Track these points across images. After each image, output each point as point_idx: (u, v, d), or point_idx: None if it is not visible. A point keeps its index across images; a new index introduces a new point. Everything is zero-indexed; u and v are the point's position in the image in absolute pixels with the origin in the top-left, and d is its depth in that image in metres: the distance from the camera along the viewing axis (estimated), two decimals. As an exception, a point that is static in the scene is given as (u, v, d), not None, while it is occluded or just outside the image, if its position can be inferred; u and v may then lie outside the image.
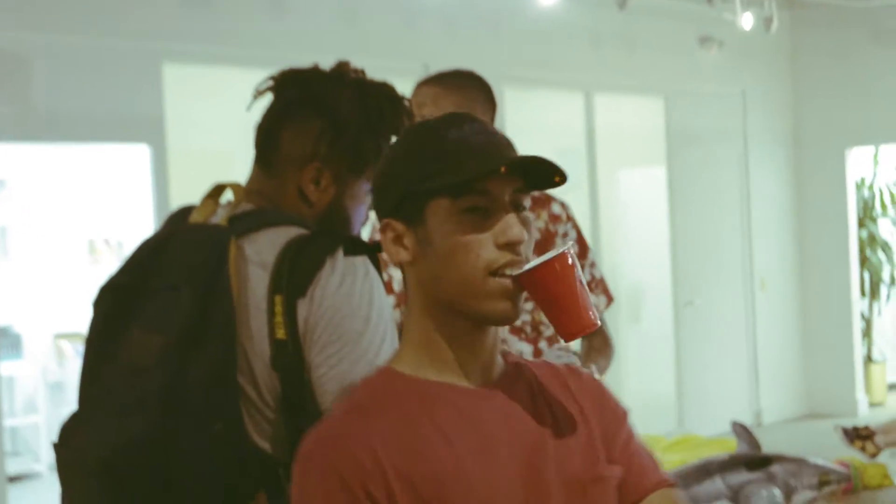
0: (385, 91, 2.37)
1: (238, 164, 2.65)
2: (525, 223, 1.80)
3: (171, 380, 2.13)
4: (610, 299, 3.57)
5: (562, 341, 3.24)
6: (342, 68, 2.39)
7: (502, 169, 1.77)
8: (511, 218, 1.77)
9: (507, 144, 1.83)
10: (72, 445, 2.23)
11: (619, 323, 10.24)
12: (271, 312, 2.17)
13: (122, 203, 10.04)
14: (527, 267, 1.77)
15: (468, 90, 3.36)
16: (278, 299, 2.16)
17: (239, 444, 2.17)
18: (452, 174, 1.76)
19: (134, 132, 7.07)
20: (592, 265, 3.53)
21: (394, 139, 2.37)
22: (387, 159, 1.86)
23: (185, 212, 2.34)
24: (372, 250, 2.24)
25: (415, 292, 1.84)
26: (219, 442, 2.14)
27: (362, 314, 2.16)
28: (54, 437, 2.30)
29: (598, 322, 1.80)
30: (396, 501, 1.73)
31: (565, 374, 1.97)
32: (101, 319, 2.27)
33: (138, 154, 7.30)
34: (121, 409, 2.17)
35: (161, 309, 2.18)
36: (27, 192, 10.67)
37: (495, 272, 1.77)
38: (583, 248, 3.50)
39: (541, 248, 3.34)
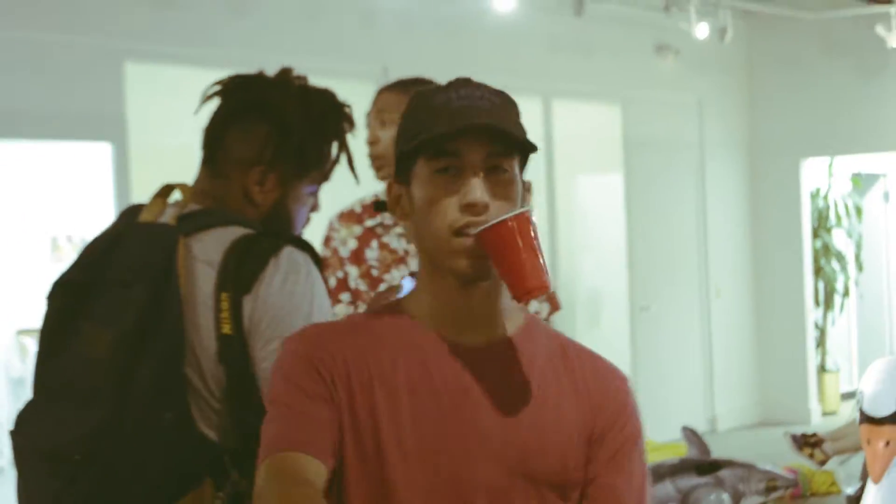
0: (327, 97, 2.47)
1: (198, 162, 2.72)
2: (505, 185, 1.87)
3: (123, 372, 2.23)
4: (555, 308, 3.65)
5: None
6: (286, 75, 2.48)
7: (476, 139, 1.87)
8: (474, 181, 1.85)
9: (487, 109, 1.88)
10: (27, 433, 2.32)
11: (576, 327, 10.32)
12: (218, 309, 2.27)
13: (85, 201, 10.06)
14: (483, 225, 1.84)
15: None
16: (224, 296, 2.26)
17: (187, 432, 2.27)
18: (424, 135, 1.86)
19: (96, 130, 7.11)
20: None
21: (335, 145, 2.47)
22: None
23: (135, 210, 2.44)
24: (313, 250, 2.35)
25: (416, 249, 1.97)
26: (168, 431, 2.24)
27: (304, 311, 2.27)
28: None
29: (549, 285, 1.85)
30: (338, 394, 1.87)
31: (574, 360, 2.01)
32: (55, 313, 2.36)
33: (100, 152, 7.34)
34: (75, 399, 2.26)
35: (113, 304, 2.27)
36: (-11, 189, 10.68)
37: (458, 232, 1.86)
38: None
39: None
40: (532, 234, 1.86)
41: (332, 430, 1.86)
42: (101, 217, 7.55)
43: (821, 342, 12.12)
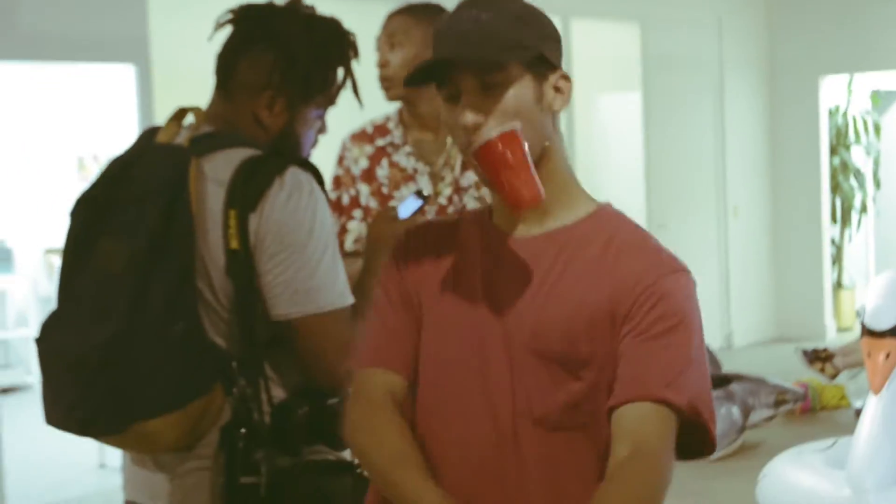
0: (333, 26, 2.61)
1: None
2: (497, 100, 2.01)
3: (138, 284, 2.39)
4: None
5: None
6: (294, 4, 2.62)
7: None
8: (463, 105, 2.01)
9: (467, 34, 2.01)
10: (50, 341, 2.48)
11: (594, 245, 10.46)
12: (226, 225, 2.43)
13: (110, 121, 10.20)
14: (475, 144, 2.01)
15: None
16: (232, 213, 2.42)
17: (198, 341, 2.42)
18: (419, 70, 2.04)
19: (119, 52, 7.18)
20: None
21: (340, 71, 2.62)
22: None
23: (152, 132, 2.59)
24: (317, 170, 2.51)
25: None
26: (180, 339, 2.40)
27: (306, 227, 2.43)
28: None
29: (541, 198, 2.00)
30: (412, 292, 2.14)
31: (624, 249, 2.09)
32: (77, 229, 2.52)
33: (125, 73, 7.43)
34: (94, 310, 2.42)
35: (129, 220, 2.43)
36: (15, 111, 10.82)
37: (466, 152, 2.05)
38: None
39: None
40: (521, 149, 1.99)
41: (410, 339, 2.12)
42: (125, 137, 7.71)
43: (837, 259, 12.19)
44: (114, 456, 7.64)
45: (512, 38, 2.02)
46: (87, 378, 2.39)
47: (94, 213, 2.49)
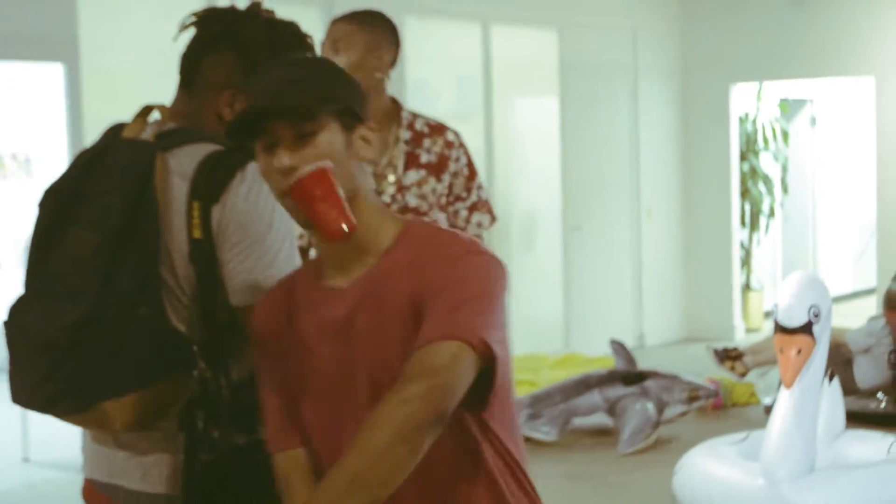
0: (291, 29, 2.76)
1: (149, 84, 2.94)
2: (315, 145, 2.21)
3: (105, 271, 2.51)
4: (493, 218, 3.93)
5: None
6: (255, 8, 2.77)
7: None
8: (280, 151, 2.22)
9: (283, 87, 2.23)
10: (18, 324, 2.60)
11: (511, 248, 10.59)
12: (189, 216, 2.56)
13: (33, 120, 10.16)
14: (290, 181, 2.22)
15: (378, 30, 3.75)
16: (196, 205, 2.56)
17: (160, 326, 2.55)
18: (236, 124, 2.27)
19: (48, 51, 7.21)
20: (479, 188, 3.86)
21: None
22: None
23: (118, 128, 2.72)
24: None
25: None
26: (143, 324, 2.53)
27: (266, 219, 2.57)
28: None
29: (353, 227, 2.18)
30: (279, 355, 2.38)
31: (428, 247, 2.26)
32: (45, 218, 2.64)
33: (52, 73, 7.44)
34: (62, 294, 2.54)
35: (96, 211, 2.55)
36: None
37: (283, 194, 2.27)
38: (471, 172, 3.85)
39: (436, 169, 3.76)
40: (332, 183, 2.20)
41: (287, 405, 2.39)
42: (50, 137, 7.74)
43: (746, 262, 12.44)
44: (38, 450, 7.68)
45: (323, 92, 2.24)
46: (54, 358, 2.50)
47: (61, 204, 2.61)
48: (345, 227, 2.20)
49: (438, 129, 3.81)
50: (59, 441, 6.72)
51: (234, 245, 2.55)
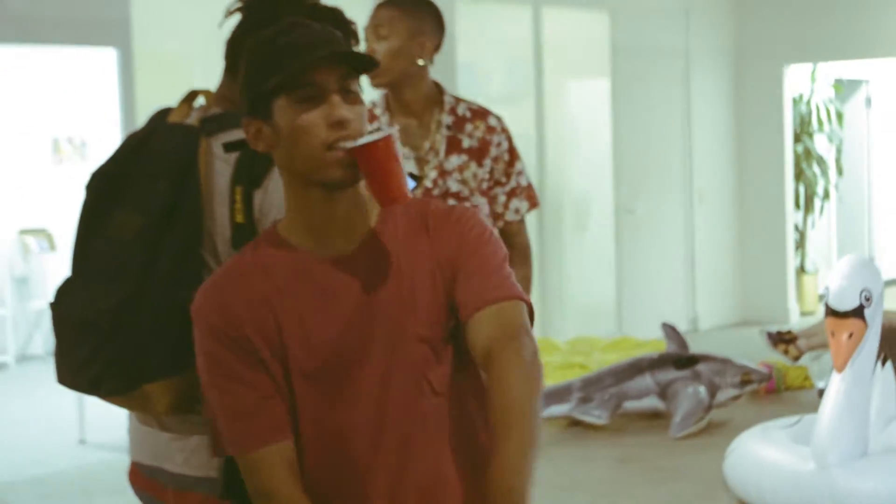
0: (335, 15, 2.76)
1: (200, 67, 2.96)
2: (356, 103, 2.21)
3: (147, 253, 2.54)
4: (534, 204, 3.92)
5: None
6: None
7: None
8: (335, 100, 2.19)
9: (328, 40, 2.22)
10: (63, 305, 2.63)
11: (563, 231, 10.59)
12: (232, 200, 2.58)
13: (87, 104, 10.26)
14: (358, 142, 2.18)
15: (421, 15, 3.76)
16: (238, 189, 2.58)
17: None
18: (280, 74, 2.20)
19: (101, 35, 7.27)
20: (519, 173, 3.85)
21: None
22: (241, 71, 2.31)
23: (164, 112, 2.74)
24: None
25: (280, 173, 2.30)
26: (185, 307, 2.55)
27: None
28: (20, 329, 2.71)
29: (408, 196, 2.19)
30: (256, 346, 2.24)
31: (430, 218, 2.29)
32: (91, 200, 2.66)
33: (105, 57, 7.53)
34: (104, 276, 2.57)
35: (141, 194, 2.58)
36: (-7, 92, 10.86)
37: (330, 146, 2.19)
38: (511, 157, 3.84)
39: (478, 154, 3.76)
40: (395, 151, 2.19)
41: (277, 397, 2.26)
42: (104, 120, 7.82)
43: (800, 244, 12.37)
44: (94, 431, 7.77)
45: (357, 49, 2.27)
46: (96, 340, 2.53)
47: (107, 186, 2.64)
48: (405, 194, 2.20)
49: (481, 113, 3.81)
50: (115, 423, 6.76)
51: None
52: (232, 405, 2.26)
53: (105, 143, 7.86)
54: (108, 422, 6.90)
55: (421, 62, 3.69)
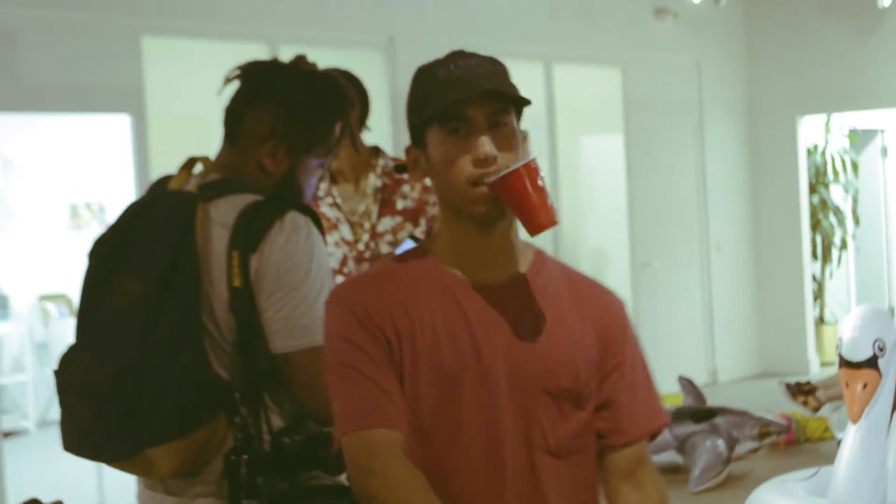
0: (331, 81, 2.80)
1: (214, 131, 2.99)
2: (507, 137, 2.20)
3: (148, 319, 2.57)
4: None
5: None
6: (298, 61, 2.82)
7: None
8: (482, 139, 2.19)
9: (484, 75, 2.21)
10: (67, 372, 2.66)
11: (580, 284, 10.59)
12: (229, 265, 2.62)
13: (104, 170, 10.33)
14: (498, 175, 2.18)
15: None
16: (235, 254, 2.62)
17: (202, 373, 2.60)
18: (436, 104, 2.21)
19: (115, 102, 7.34)
20: None
21: (338, 123, 2.81)
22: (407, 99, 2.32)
23: (164, 180, 2.79)
24: (315, 215, 2.70)
25: (437, 200, 2.33)
26: (186, 371, 2.58)
27: (303, 267, 2.62)
28: (40, 395, 2.75)
29: (557, 220, 2.19)
30: (392, 347, 2.22)
31: (579, 284, 2.35)
32: (93, 268, 2.71)
33: (119, 123, 7.58)
34: (107, 343, 2.60)
35: (141, 261, 2.62)
36: (14, 160, 10.94)
37: (474, 183, 2.20)
38: None
39: (413, 214, 3.85)
40: (538, 178, 2.19)
41: (398, 393, 2.22)
42: (120, 185, 7.87)
43: (819, 295, 12.32)
44: (113, 496, 7.76)
45: (512, 84, 2.25)
46: (99, 406, 2.57)
47: (109, 253, 2.69)
48: (552, 221, 2.20)
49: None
50: (134, 488, 6.78)
51: (272, 293, 2.61)
52: (353, 392, 2.22)
53: (123, 207, 7.89)
54: (127, 487, 6.90)
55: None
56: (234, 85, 2.82)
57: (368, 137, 3.92)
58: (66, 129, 10.59)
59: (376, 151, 3.87)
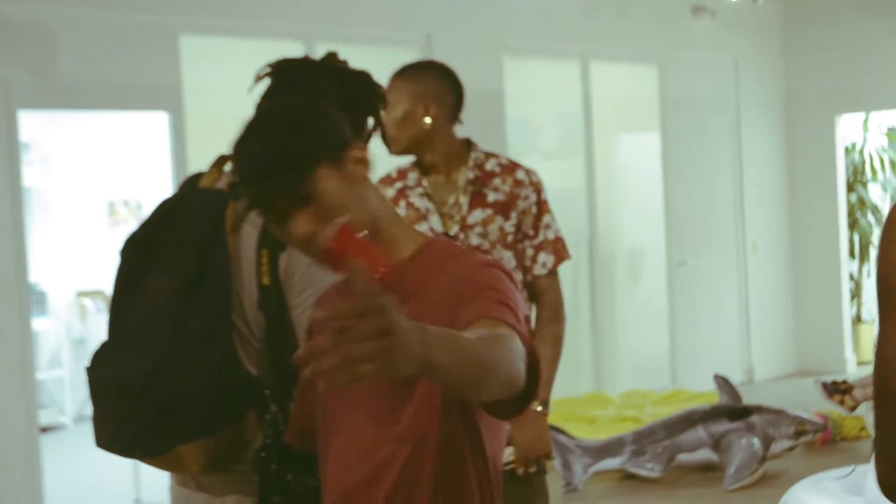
0: (362, 79, 2.81)
1: None
2: (317, 209, 2.17)
3: (178, 317, 2.59)
4: (560, 258, 3.94)
5: None
6: (330, 58, 2.82)
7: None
8: (291, 223, 2.19)
9: (252, 174, 2.20)
10: (99, 369, 2.69)
11: (616, 283, 10.61)
12: (259, 263, 2.64)
13: (141, 167, 10.40)
14: (318, 250, 2.18)
15: (424, 79, 3.83)
16: (264, 252, 2.63)
17: (233, 370, 2.62)
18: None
19: (153, 100, 7.42)
20: (547, 227, 3.89)
21: (370, 119, 2.82)
22: None
23: (196, 178, 2.80)
24: None
25: None
26: (216, 369, 2.59)
27: None
28: (78, 390, 2.77)
29: (390, 273, 2.15)
30: None
31: (452, 269, 2.24)
32: (125, 267, 2.73)
33: (157, 121, 7.65)
34: (138, 340, 2.62)
35: (171, 258, 2.64)
36: (52, 157, 11.03)
37: (315, 259, 2.22)
38: (540, 211, 3.89)
39: (504, 208, 3.82)
40: (352, 240, 2.16)
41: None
42: (157, 182, 7.92)
43: (856, 293, 12.26)
44: (149, 491, 7.82)
45: (292, 158, 2.18)
46: (130, 403, 2.59)
47: (140, 251, 2.70)
48: (383, 272, 2.17)
49: (510, 168, 3.89)
50: (169, 483, 6.84)
51: (301, 291, 2.63)
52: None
53: (155, 205, 7.95)
54: (163, 482, 6.96)
55: (427, 123, 3.76)
56: (266, 83, 2.84)
57: None
58: (104, 126, 10.65)
59: (468, 144, 3.90)
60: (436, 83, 3.83)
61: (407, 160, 3.91)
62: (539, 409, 3.81)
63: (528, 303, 3.90)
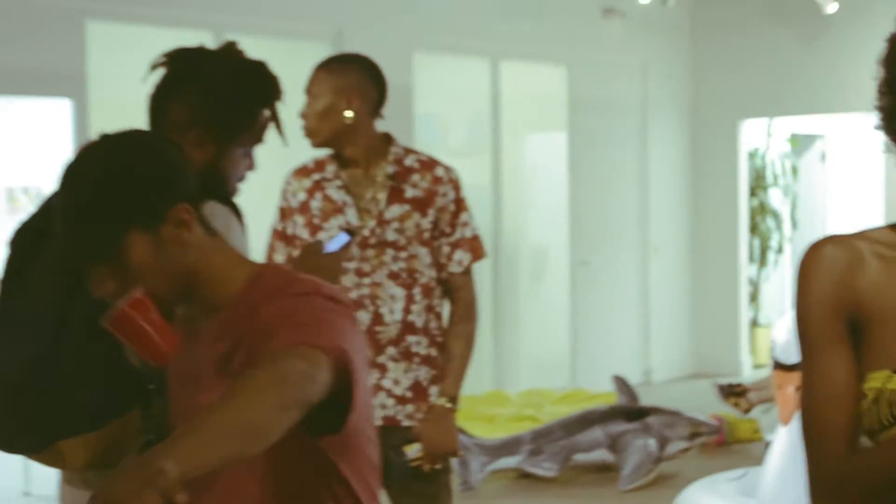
0: (258, 69, 2.77)
1: None
2: (124, 268, 2.11)
3: (60, 311, 2.53)
4: (477, 256, 3.96)
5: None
6: (227, 48, 2.78)
7: None
8: (92, 277, 2.15)
9: (56, 219, 2.17)
10: None
11: (520, 281, 10.63)
12: None
13: (42, 154, 10.24)
14: (108, 317, 2.12)
15: (347, 72, 3.80)
16: None
17: (116, 365, 2.56)
18: None
19: (57, 86, 7.31)
20: (465, 225, 3.90)
21: (266, 111, 2.78)
22: None
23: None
24: (234, 205, 2.70)
25: None
26: (99, 362, 2.54)
27: None
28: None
29: (174, 353, 2.12)
30: None
31: (272, 303, 2.11)
32: (12, 256, 2.66)
33: (60, 108, 7.53)
34: (20, 334, 2.55)
35: (56, 249, 2.59)
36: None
37: None
38: (458, 209, 3.88)
39: (422, 204, 3.80)
40: (144, 311, 2.10)
41: None
42: (58, 170, 7.81)
43: (754, 297, 12.42)
44: (39, 484, 7.69)
45: (106, 215, 2.11)
46: (10, 396, 2.52)
47: (27, 242, 2.64)
48: (166, 354, 2.12)
49: (429, 164, 3.86)
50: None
51: None
52: None
53: (43, 195, 7.84)
54: (53, 473, 6.86)
55: (349, 117, 3.73)
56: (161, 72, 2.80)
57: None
58: (4, 111, 10.48)
59: (388, 139, 3.87)
60: (359, 77, 3.81)
61: (324, 151, 3.88)
62: (448, 405, 3.80)
63: (441, 300, 3.88)
